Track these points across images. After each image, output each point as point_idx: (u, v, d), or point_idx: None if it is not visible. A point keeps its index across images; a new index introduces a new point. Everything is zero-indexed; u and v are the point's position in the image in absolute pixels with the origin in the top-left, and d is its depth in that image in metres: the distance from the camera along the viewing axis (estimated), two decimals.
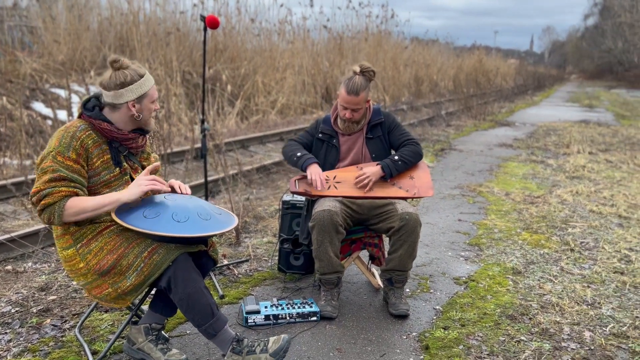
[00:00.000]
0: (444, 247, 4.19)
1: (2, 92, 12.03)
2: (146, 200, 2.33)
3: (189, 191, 2.49)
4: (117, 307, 2.31)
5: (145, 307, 2.72)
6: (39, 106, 11.80)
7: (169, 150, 7.32)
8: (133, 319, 2.54)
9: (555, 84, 42.91)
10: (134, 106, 2.30)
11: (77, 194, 2.19)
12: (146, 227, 2.17)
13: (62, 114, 11.01)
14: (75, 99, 12.95)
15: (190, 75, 14.17)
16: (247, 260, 3.75)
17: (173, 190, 2.47)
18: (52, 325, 2.77)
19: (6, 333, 2.69)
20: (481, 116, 13.92)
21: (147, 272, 2.22)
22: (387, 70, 19.35)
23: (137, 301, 2.57)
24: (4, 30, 15.69)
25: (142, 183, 2.23)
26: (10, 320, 2.81)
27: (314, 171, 3.07)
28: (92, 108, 2.31)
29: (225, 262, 3.71)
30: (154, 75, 13.44)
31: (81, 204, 2.17)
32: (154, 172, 2.37)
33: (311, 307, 2.97)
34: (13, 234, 3.98)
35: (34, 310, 2.91)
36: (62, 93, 13.05)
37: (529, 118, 14.67)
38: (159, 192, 2.34)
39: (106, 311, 2.94)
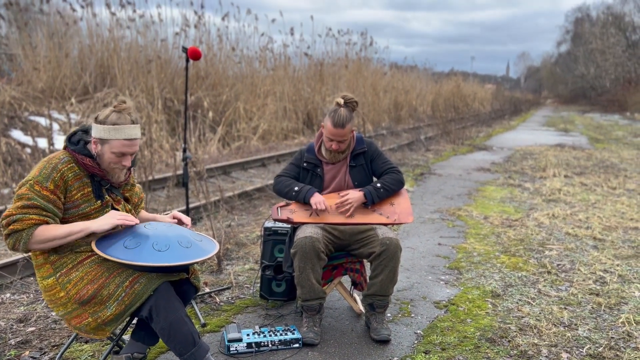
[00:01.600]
0: (425, 271, 4.24)
1: None
2: (128, 229, 2.35)
3: (189, 222, 2.54)
4: (97, 337, 2.31)
5: (126, 337, 2.70)
6: (17, 134, 11.69)
7: (150, 178, 7.31)
8: (114, 349, 2.52)
9: (531, 108, 43.90)
10: (95, 144, 2.33)
11: (47, 223, 2.21)
12: (126, 257, 2.18)
13: (41, 142, 10.92)
14: (55, 126, 12.88)
15: (172, 102, 14.20)
16: (228, 288, 3.76)
17: (180, 223, 2.52)
18: (31, 357, 2.74)
19: None
20: (459, 141, 14.16)
21: (128, 301, 2.23)
22: (367, 96, 19.64)
23: (118, 331, 2.56)
24: None
25: (114, 216, 2.26)
26: None
27: (318, 201, 3.11)
28: (77, 142, 2.34)
29: (207, 289, 3.71)
30: (135, 101, 13.45)
31: (50, 232, 2.19)
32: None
33: (293, 334, 2.98)
34: None
35: (12, 342, 2.88)
36: (41, 121, 12.95)
37: (506, 142, 14.97)
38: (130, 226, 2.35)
39: (86, 342, 2.91)
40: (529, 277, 4.13)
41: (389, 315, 3.41)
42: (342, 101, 3.19)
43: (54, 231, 2.20)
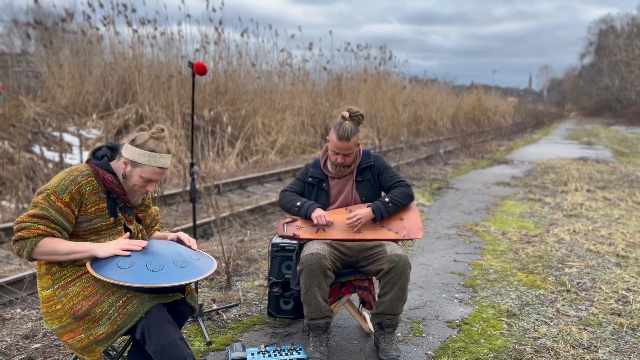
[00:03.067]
0: (438, 289, 4.13)
1: (4, 136, 12.19)
2: None
3: (194, 245, 2.50)
4: (88, 358, 2.25)
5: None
6: (40, 150, 11.91)
7: (165, 192, 7.34)
8: None
9: (554, 121, 43.23)
10: (125, 165, 2.32)
11: (53, 235, 2.19)
12: (118, 278, 2.13)
13: (63, 157, 11.10)
14: (76, 142, 13.10)
15: (191, 117, 14.33)
16: (236, 305, 3.70)
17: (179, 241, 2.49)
18: None
19: None
20: (479, 154, 13.97)
21: (120, 321, 2.19)
22: (385, 110, 19.58)
23: (112, 352, 2.51)
24: (11, 76, 16.03)
25: (117, 246, 2.21)
26: None
27: (319, 215, 3.05)
28: (101, 157, 2.35)
29: (215, 306, 3.66)
30: (154, 116, 13.62)
31: (53, 245, 2.18)
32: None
33: (299, 353, 2.91)
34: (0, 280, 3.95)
35: (17, 359, 2.86)
36: (64, 136, 13.18)
37: (527, 156, 14.72)
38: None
39: None
40: (547, 296, 3.98)
41: (399, 334, 3.31)
42: (347, 114, 3.14)
43: (56, 245, 2.18)
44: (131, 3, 15.50)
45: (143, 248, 2.28)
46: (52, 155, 11.92)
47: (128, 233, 2.30)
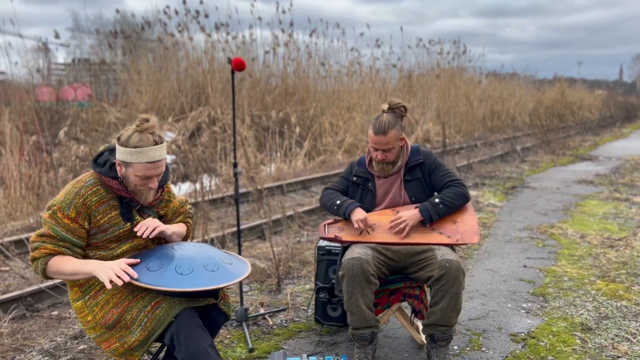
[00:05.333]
0: (504, 298, 3.78)
1: (87, 140, 12.89)
2: (154, 250, 2.24)
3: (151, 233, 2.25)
4: None
5: None
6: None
7: (228, 193, 7.38)
8: None
9: None
10: (120, 167, 2.20)
11: (62, 253, 2.13)
12: (147, 281, 2.05)
13: None
14: None
15: (259, 118, 14.49)
16: (284, 310, 3.56)
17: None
18: None
19: None
20: (560, 151, 13.07)
21: (150, 327, 2.09)
22: (459, 106, 18.87)
23: (146, 357, 2.44)
24: (99, 84, 17.02)
25: (109, 271, 2.02)
26: None
27: (359, 216, 2.84)
28: (104, 163, 2.24)
29: (262, 310, 3.54)
30: (225, 118, 13.88)
31: (60, 266, 2.11)
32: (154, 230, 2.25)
33: None
34: (57, 280, 4.04)
35: None
36: None
37: (615, 152, 13.60)
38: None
39: None
40: (630, 308, 3.53)
41: (455, 347, 3.03)
42: (386, 106, 2.91)
43: (63, 266, 2.11)
44: (204, 9, 15.85)
45: (173, 248, 2.18)
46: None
47: (133, 260, 2.11)
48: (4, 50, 20.22)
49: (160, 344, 2.31)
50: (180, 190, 8.75)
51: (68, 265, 2.11)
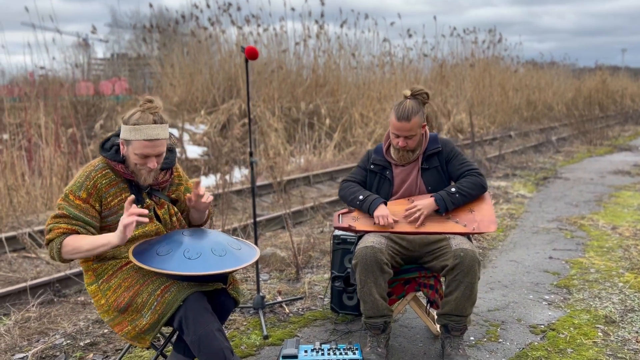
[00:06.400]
0: (526, 289, 3.70)
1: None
2: (164, 236, 2.28)
3: (206, 197, 2.36)
4: (140, 346, 2.25)
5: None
6: None
7: (258, 183, 7.46)
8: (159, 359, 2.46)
9: None
10: (122, 146, 2.25)
11: (77, 232, 2.18)
12: (156, 265, 2.10)
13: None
14: (186, 137, 13.84)
15: (289, 110, 14.54)
16: (301, 298, 3.58)
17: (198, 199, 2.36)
18: None
19: None
20: (598, 141, 12.66)
21: (160, 310, 2.14)
22: (494, 96, 18.49)
23: (159, 342, 2.49)
24: (137, 78, 17.41)
25: (120, 222, 2.09)
26: (57, 353, 2.87)
27: (383, 214, 2.80)
28: (110, 148, 2.30)
29: (279, 298, 3.57)
30: (255, 110, 13.98)
31: (77, 243, 2.15)
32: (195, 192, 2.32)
33: (354, 354, 2.71)
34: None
35: (82, 344, 2.97)
36: (174, 132, 13.96)
37: None
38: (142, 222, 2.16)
39: (147, 348, 2.90)
40: None
41: (472, 338, 2.99)
42: (408, 93, 2.86)
43: (79, 243, 2.15)
44: (236, 2, 16.01)
45: (182, 234, 2.22)
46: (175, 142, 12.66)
47: (132, 196, 2.13)
48: (44, 47, 20.87)
49: (172, 328, 2.36)
50: (208, 180, 8.88)
51: (84, 241, 2.15)
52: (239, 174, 10.13)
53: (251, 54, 2.94)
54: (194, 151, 12.84)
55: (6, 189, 6.98)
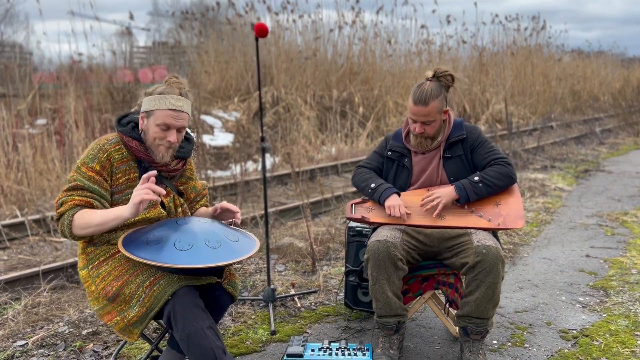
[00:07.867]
0: (558, 290, 3.42)
1: None
2: (158, 224, 2.13)
3: (239, 215, 2.28)
4: (129, 340, 2.12)
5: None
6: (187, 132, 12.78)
7: (281, 172, 7.31)
8: (153, 354, 2.33)
9: None
10: (142, 120, 2.17)
11: (91, 204, 2.06)
12: (144, 255, 1.95)
13: (205, 138, 11.82)
14: (218, 124, 13.86)
15: (322, 98, 14.34)
16: (314, 292, 3.40)
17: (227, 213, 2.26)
18: (93, 351, 2.69)
19: (48, 355, 2.66)
20: None
21: (148, 304, 2.00)
22: (535, 85, 17.79)
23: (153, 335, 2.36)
24: (175, 65, 17.53)
25: (134, 195, 1.97)
26: (58, 342, 2.79)
27: (394, 204, 2.57)
28: (126, 124, 2.21)
29: (292, 291, 3.40)
30: (288, 98, 13.83)
31: (88, 217, 2.02)
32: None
33: (364, 354, 2.53)
34: None
35: (84, 333, 2.87)
36: (207, 119, 13.98)
37: None
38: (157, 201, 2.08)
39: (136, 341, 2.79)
40: None
41: (494, 342, 2.75)
42: (430, 74, 2.62)
43: (90, 217, 2.03)
44: None
45: (177, 222, 2.07)
46: (194, 136, 12.72)
47: (154, 171, 2.01)
48: (85, 35, 21.24)
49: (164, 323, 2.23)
50: (234, 170, 8.79)
51: (95, 215, 2.03)
52: (268, 162, 10.03)
53: (260, 32, 2.76)
54: (225, 138, 12.83)
55: (37, 174, 7.06)
